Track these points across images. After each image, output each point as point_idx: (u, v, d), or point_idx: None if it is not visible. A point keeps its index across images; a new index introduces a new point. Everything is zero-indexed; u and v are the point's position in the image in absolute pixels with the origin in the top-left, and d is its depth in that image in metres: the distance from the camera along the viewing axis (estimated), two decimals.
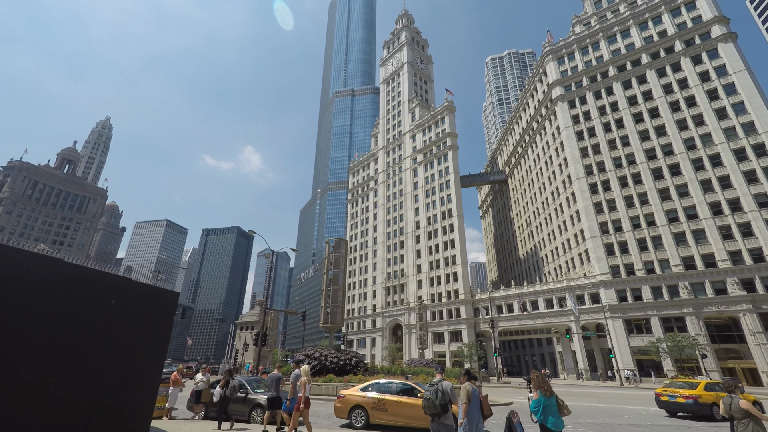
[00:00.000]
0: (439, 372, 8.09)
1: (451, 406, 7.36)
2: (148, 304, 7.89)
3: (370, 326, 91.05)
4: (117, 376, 6.94)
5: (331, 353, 25.39)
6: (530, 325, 65.50)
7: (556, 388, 37.63)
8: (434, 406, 7.22)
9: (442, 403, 7.22)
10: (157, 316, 8.02)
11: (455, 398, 7.54)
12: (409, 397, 12.46)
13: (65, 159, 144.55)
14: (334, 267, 30.18)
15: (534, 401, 6.18)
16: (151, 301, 7.97)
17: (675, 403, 17.56)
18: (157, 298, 8.10)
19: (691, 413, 17.26)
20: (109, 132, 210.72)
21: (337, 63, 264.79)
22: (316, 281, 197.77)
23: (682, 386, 18.33)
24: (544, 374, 6.64)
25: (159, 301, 8.09)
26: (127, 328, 7.33)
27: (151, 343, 7.73)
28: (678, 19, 64.15)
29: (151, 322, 7.91)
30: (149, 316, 7.87)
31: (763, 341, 45.12)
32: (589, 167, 65.20)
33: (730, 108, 55.47)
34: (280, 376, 12.39)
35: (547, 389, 6.18)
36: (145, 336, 7.71)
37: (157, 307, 8.05)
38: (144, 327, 7.75)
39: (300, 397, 9.97)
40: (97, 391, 6.43)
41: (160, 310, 8.11)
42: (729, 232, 51.37)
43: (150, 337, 7.77)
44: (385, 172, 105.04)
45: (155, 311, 7.99)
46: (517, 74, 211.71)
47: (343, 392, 13.62)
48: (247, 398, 13.69)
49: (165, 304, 8.30)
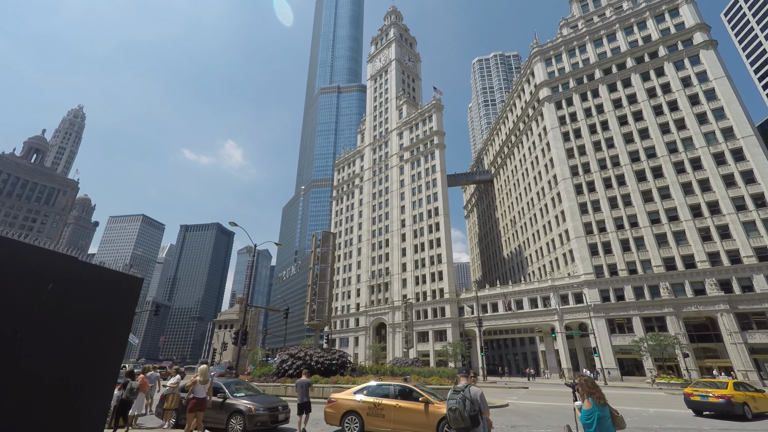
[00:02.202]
0: (463, 375, 6.80)
1: (482, 416, 6.22)
2: (102, 291, 6.17)
3: (354, 325, 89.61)
4: (54, 384, 5.28)
5: (316, 352, 23.95)
6: (514, 324, 65.57)
7: (541, 388, 37.28)
8: (462, 418, 6.04)
9: (472, 414, 6.07)
10: (114, 307, 6.30)
11: (486, 407, 6.40)
12: (409, 401, 11.20)
13: (32, 148, 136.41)
14: (321, 261, 28.67)
15: (585, 412, 5.03)
16: (106, 289, 6.24)
17: (707, 402, 17.70)
18: (115, 284, 6.38)
19: (723, 413, 17.33)
20: (81, 121, 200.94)
21: (324, 59, 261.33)
22: (298, 280, 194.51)
23: (708, 386, 18.57)
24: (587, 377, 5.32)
25: (117, 289, 6.38)
26: (70, 323, 5.64)
27: (104, 340, 6.05)
28: (662, 25, 65.45)
29: (106, 315, 6.19)
30: (103, 307, 6.15)
31: (739, 340, 46.25)
32: (574, 168, 65.75)
33: (711, 113, 56.85)
34: (309, 381, 12.34)
35: (601, 396, 5.08)
36: (97, 332, 6.03)
37: (114, 296, 6.33)
38: (95, 321, 6.04)
39: (193, 399, 9.86)
40: (25, 404, 4.78)
41: (118, 299, 6.39)
42: (708, 234, 52.57)
43: (103, 334, 6.10)
44: (371, 169, 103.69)
45: (112, 301, 6.28)
46: (503, 76, 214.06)
47: (334, 396, 12.28)
48: (225, 404, 12.17)
49: (125, 293, 6.58)
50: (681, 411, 18.67)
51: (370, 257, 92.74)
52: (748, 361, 44.96)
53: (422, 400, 10.90)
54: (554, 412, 18.04)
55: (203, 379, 10.02)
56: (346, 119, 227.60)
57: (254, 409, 11.75)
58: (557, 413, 17.68)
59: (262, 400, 12.62)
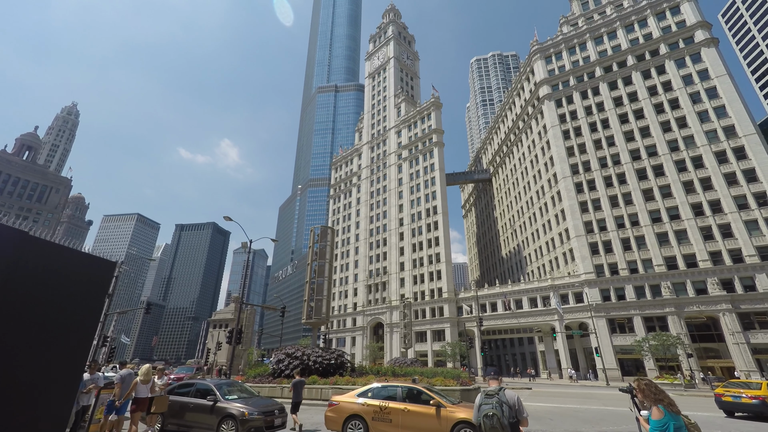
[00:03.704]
0: (493, 378, 5.83)
1: (520, 425, 5.29)
2: (62, 276, 4.95)
3: (351, 325, 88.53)
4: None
5: (314, 352, 22.90)
6: (514, 324, 64.80)
7: (545, 389, 36.31)
8: (502, 426, 5.16)
9: (512, 421, 5.17)
10: (78, 295, 5.10)
11: (523, 413, 5.46)
12: (419, 405, 10.20)
13: (24, 145, 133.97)
14: (320, 257, 27.58)
15: (657, 423, 3.99)
16: (69, 273, 5.03)
17: (740, 403, 17.07)
18: (80, 268, 5.17)
19: (757, 414, 16.68)
20: (75, 119, 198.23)
21: (321, 58, 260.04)
22: (294, 279, 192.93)
23: (741, 386, 17.97)
24: (649, 381, 4.24)
25: (82, 274, 5.17)
26: (17, 312, 4.50)
27: (62, 335, 4.87)
28: (663, 22, 64.99)
29: (67, 304, 4.99)
30: (64, 295, 4.95)
31: (741, 340, 45.70)
32: (575, 166, 65.11)
33: (712, 111, 56.40)
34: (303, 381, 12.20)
35: (672, 403, 4.12)
36: (54, 324, 4.85)
37: (78, 281, 5.11)
38: (52, 311, 4.84)
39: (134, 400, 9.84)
40: None
41: (83, 286, 5.19)
42: (710, 232, 52.05)
43: (61, 327, 4.93)
44: (368, 167, 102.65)
45: (75, 288, 5.07)
46: (502, 76, 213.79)
47: (336, 399, 11.21)
48: (215, 407, 11.13)
49: (92, 279, 5.37)
50: (707, 413, 17.80)
51: (367, 256, 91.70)
52: (751, 361, 44.39)
53: (433, 403, 9.91)
54: (566, 415, 17.14)
55: (144, 379, 10.05)
56: (343, 118, 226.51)
57: (248, 413, 10.71)
58: (570, 416, 16.77)
59: (257, 403, 11.57)
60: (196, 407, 11.43)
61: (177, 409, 11.53)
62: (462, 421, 9.34)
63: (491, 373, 5.81)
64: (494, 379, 5.78)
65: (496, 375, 5.77)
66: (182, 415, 11.56)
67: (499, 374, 5.77)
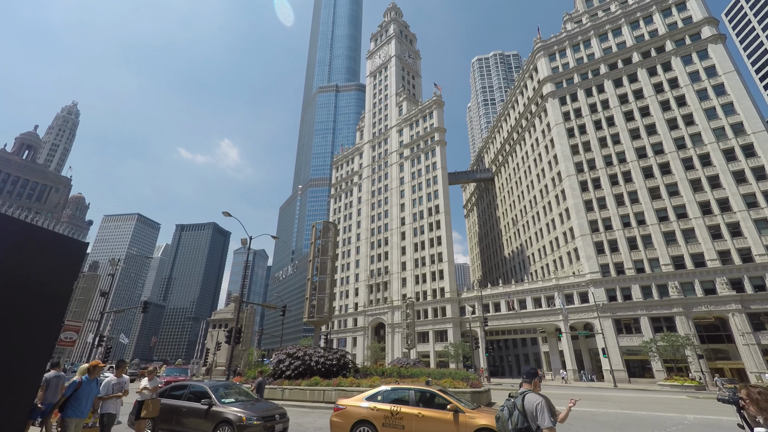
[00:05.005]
0: (525, 380, 4.96)
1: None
2: (20, 255, 3.87)
3: (352, 325, 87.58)
4: None
5: (317, 352, 21.99)
6: (517, 324, 63.84)
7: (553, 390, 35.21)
8: (506, 431, 4.72)
9: (519, 428, 4.54)
10: (39, 277, 4.02)
11: (546, 421, 4.50)
12: (433, 409, 9.30)
13: (24, 144, 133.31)
14: (322, 253, 26.67)
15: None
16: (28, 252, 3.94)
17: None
18: (42, 247, 4.09)
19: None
20: (75, 118, 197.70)
21: (322, 58, 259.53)
22: (295, 279, 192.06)
23: None
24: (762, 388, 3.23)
25: (44, 254, 4.09)
26: None
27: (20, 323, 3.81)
28: (669, 19, 64.13)
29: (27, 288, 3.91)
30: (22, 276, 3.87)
31: (751, 341, 44.73)
32: (579, 165, 64.20)
33: (720, 108, 55.49)
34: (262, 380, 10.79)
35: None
36: (10, 310, 3.77)
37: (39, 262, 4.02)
38: (7, 294, 3.76)
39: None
40: None
41: (46, 267, 4.10)
42: (718, 231, 51.09)
43: (17, 313, 3.85)
44: (370, 166, 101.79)
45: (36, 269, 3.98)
46: (503, 75, 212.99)
47: (342, 402, 10.27)
48: (210, 411, 10.22)
49: (57, 260, 4.27)
50: (724, 417, 16.83)
51: (368, 256, 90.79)
52: (762, 362, 43.41)
53: (451, 407, 8.97)
54: (583, 418, 16.21)
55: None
56: (344, 118, 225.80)
57: (245, 418, 9.80)
58: (588, 419, 15.87)
59: (256, 408, 10.67)
60: (189, 411, 10.54)
61: (168, 413, 10.62)
62: (483, 428, 8.44)
63: (526, 374, 4.94)
64: (526, 381, 4.93)
65: (529, 377, 4.88)
66: (174, 419, 10.66)
67: (533, 376, 4.87)
